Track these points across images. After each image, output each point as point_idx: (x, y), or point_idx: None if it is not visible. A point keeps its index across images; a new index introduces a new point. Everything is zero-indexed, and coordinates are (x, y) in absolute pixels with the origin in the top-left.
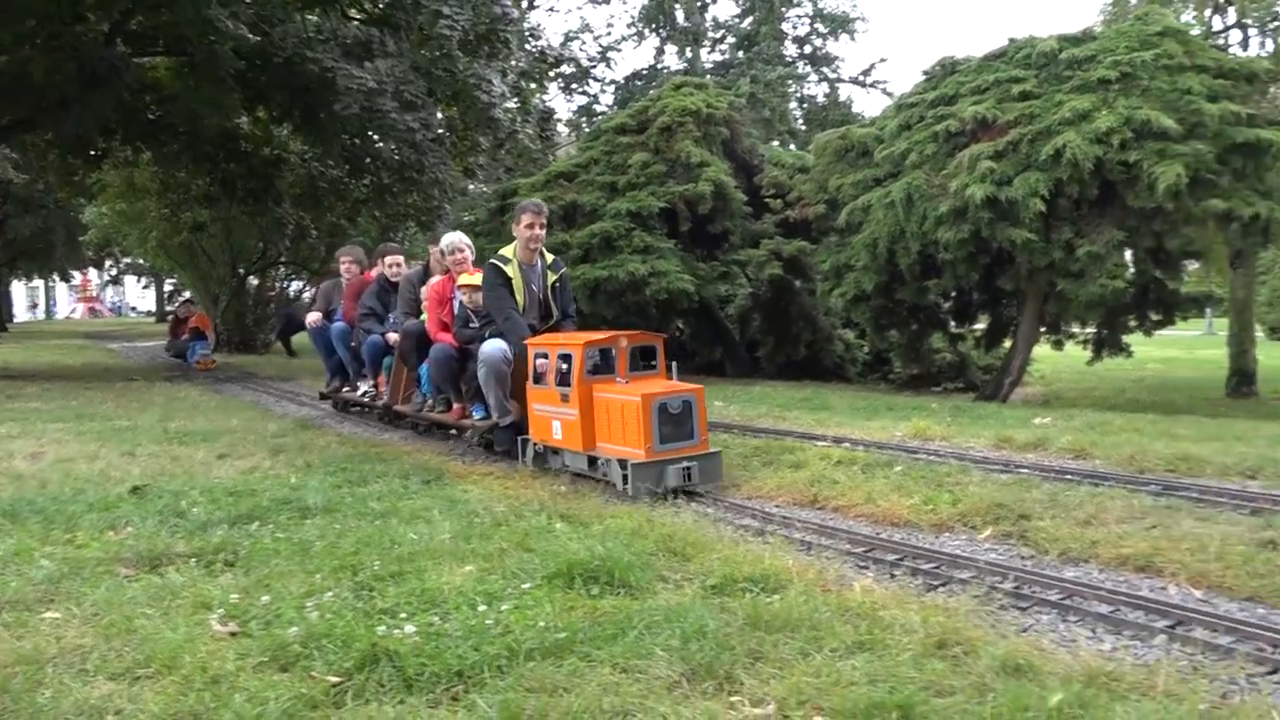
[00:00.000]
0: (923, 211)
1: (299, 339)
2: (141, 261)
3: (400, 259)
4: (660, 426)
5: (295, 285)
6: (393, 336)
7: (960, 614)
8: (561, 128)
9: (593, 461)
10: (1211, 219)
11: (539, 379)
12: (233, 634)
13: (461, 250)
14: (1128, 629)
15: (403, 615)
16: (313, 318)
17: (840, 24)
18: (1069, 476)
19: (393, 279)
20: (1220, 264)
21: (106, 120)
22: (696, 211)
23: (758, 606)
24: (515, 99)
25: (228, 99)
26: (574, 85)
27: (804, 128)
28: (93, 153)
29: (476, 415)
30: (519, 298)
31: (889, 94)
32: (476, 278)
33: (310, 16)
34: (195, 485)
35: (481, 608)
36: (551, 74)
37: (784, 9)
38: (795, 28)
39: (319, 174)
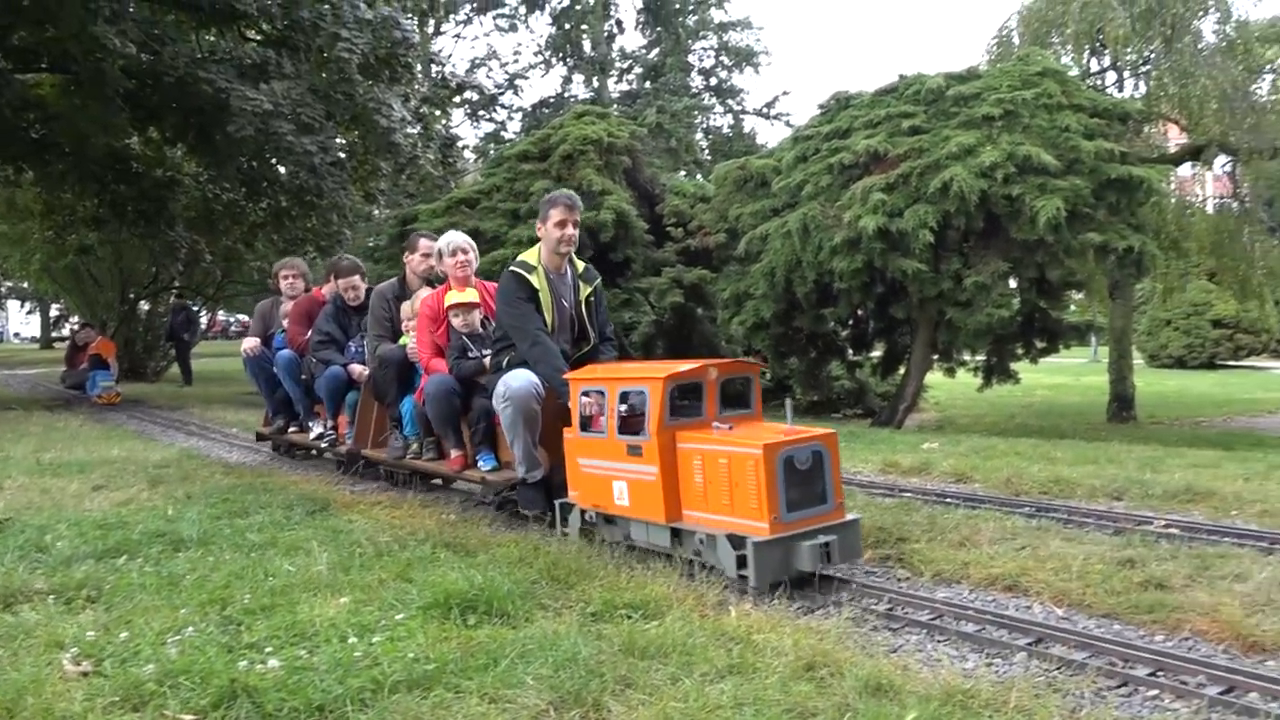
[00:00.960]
0: (818, 241)
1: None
2: (25, 285)
3: (357, 280)
4: (787, 488)
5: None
6: (357, 369)
7: (831, 636)
8: (469, 154)
9: (678, 535)
10: (1090, 251)
11: (587, 424)
12: (85, 674)
13: (465, 253)
14: (991, 647)
15: (268, 650)
16: (250, 344)
17: (745, 57)
18: (949, 500)
19: (350, 303)
20: (1101, 294)
21: None
22: (598, 239)
23: (634, 633)
24: (418, 125)
25: (116, 119)
26: (481, 112)
27: (710, 158)
28: None
29: (484, 466)
30: (548, 316)
31: (791, 125)
32: (469, 294)
33: (207, 36)
34: (63, 518)
35: (352, 640)
36: (456, 100)
37: (690, 42)
38: (701, 60)
39: (214, 197)
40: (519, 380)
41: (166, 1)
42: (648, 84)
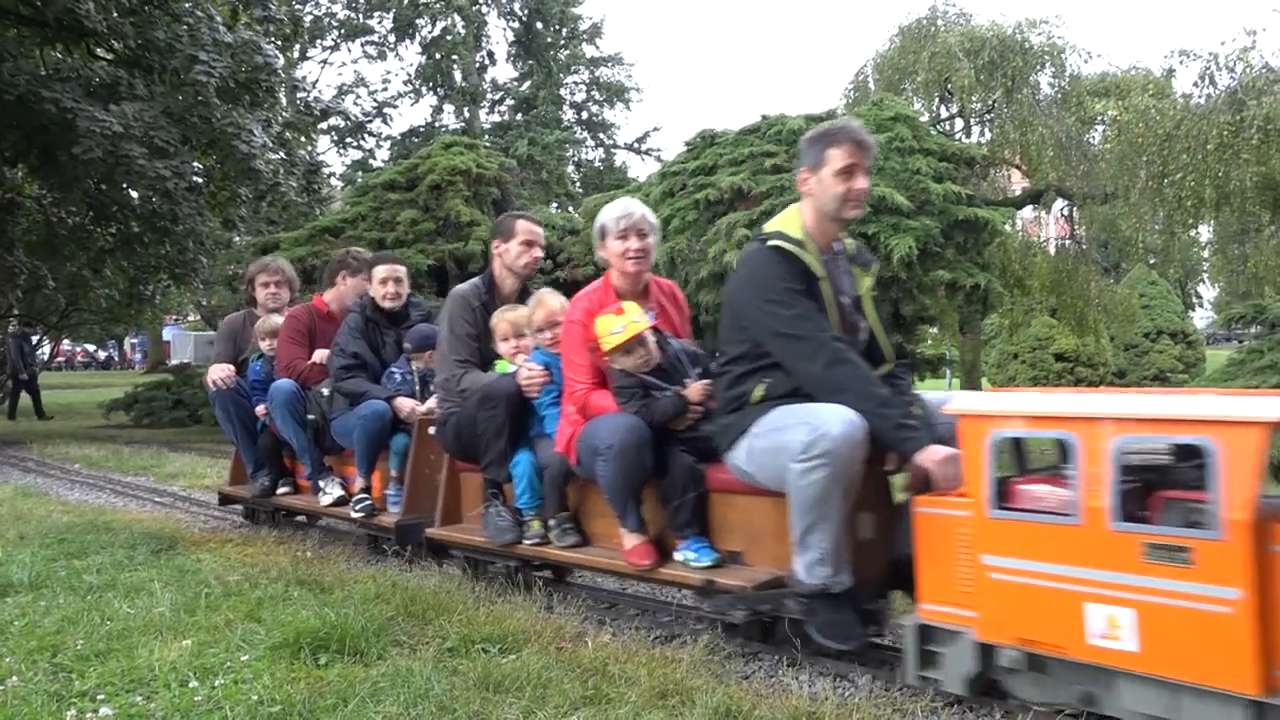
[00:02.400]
0: (685, 275)
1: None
2: None
3: (402, 271)
4: None
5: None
6: (408, 406)
7: (684, 665)
8: (335, 182)
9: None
10: (940, 287)
11: (1008, 495)
12: None
13: (644, 235)
14: (837, 671)
15: (101, 697)
16: (220, 372)
17: (616, 93)
18: None
19: (387, 304)
20: (953, 329)
21: None
22: (466, 270)
23: (489, 667)
24: (280, 150)
25: None
26: (348, 140)
27: (581, 190)
28: None
29: (698, 559)
30: (831, 315)
31: (661, 160)
32: (633, 317)
33: (53, 53)
34: None
35: (193, 684)
36: (321, 126)
37: (562, 75)
38: (573, 94)
39: (58, 220)
40: (838, 420)
41: (9, 15)
42: (519, 116)
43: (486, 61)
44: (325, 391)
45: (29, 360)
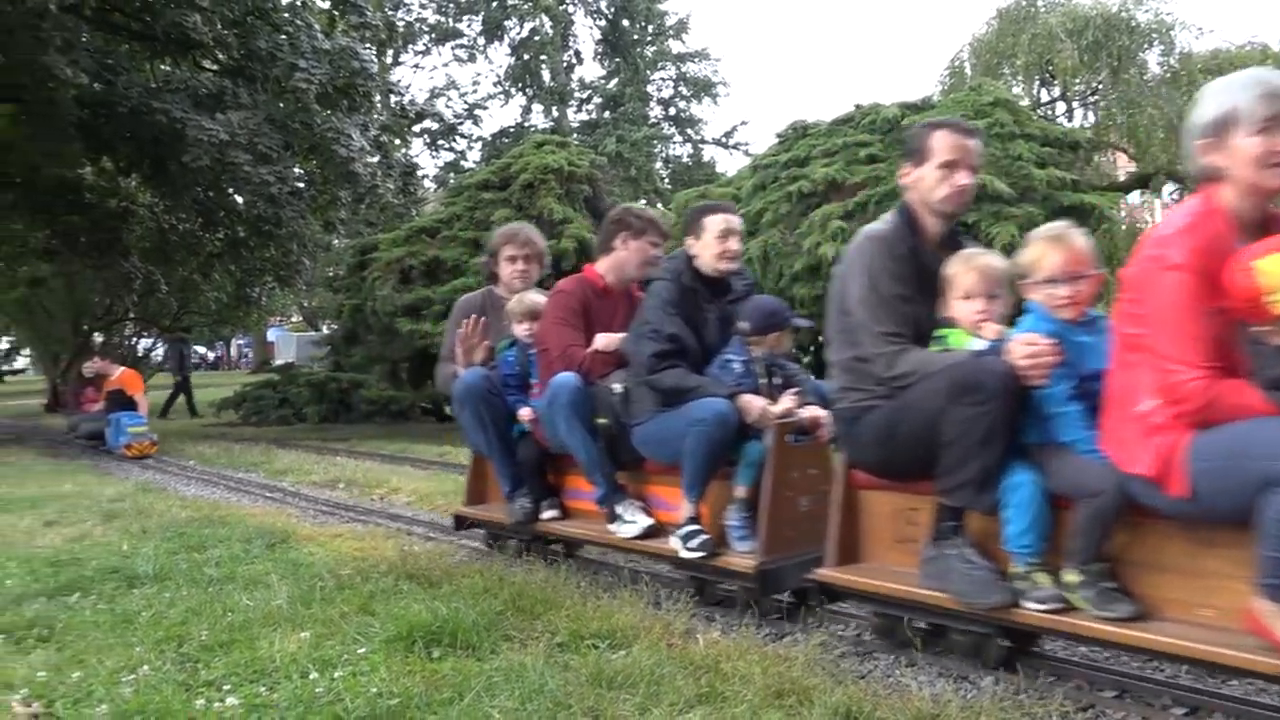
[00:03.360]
0: (779, 268)
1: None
2: None
3: (739, 223)
4: None
5: (144, 343)
6: (758, 406)
7: (799, 663)
8: (428, 183)
9: None
10: None
11: None
12: (35, 715)
13: None
14: (958, 672)
15: (227, 687)
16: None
17: (703, 88)
18: None
19: (723, 266)
20: None
21: None
22: (560, 268)
23: (601, 663)
24: (377, 153)
25: (69, 149)
26: (440, 141)
27: (669, 186)
28: None
29: None
30: None
31: (749, 155)
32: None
33: (162, 66)
34: (13, 556)
35: (313, 675)
36: (415, 129)
37: (649, 72)
38: (660, 90)
39: (170, 227)
40: None
41: (121, 31)
42: (607, 114)
43: (574, 60)
44: (617, 388)
45: (186, 363)
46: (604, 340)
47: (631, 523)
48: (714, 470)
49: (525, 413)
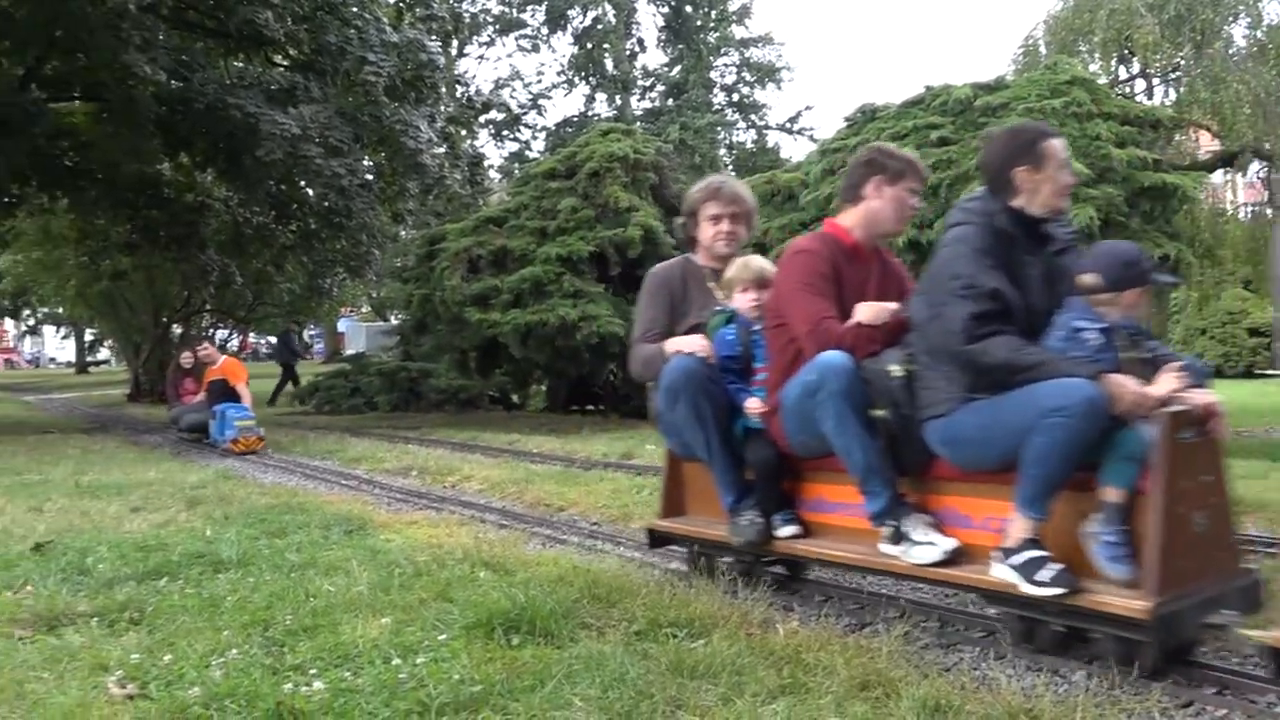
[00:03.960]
0: None
1: None
2: (60, 310)
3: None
4: None
5: (220, 334)
6: (1132, 389)
7: (882, 655)
8: (493, 174)
9: None
10: None
11: None
12: (130, 696)
13: None
14: (1048, 665)
15: (313, 671)
16: (694, 344)
17: (767, 73)
18: None
19: (1059, 202)
20: None
21: (21, 167)
22: (626, 255)
23: (681, 652)
24: (444, 144)
25: (148, 145)
26: (505, 132)
27: (734, 173)
28: (6, 200)
29: None
30: None
31: (815, 140)
32: None
33: (235, 62)
34: (103, 540)
35: (396, 661)
36: (481, 119)
37: (712, 58)
38: (723, 76)
39: (244, 220)
40: None
41: (196, 29)
42: (670, 101)
43: (637, 48)
44: (896, 370)
45: (293, 351)
46: (870, 311)
47: (926, 544)
48: (1070, 475)
49: (754, 404)
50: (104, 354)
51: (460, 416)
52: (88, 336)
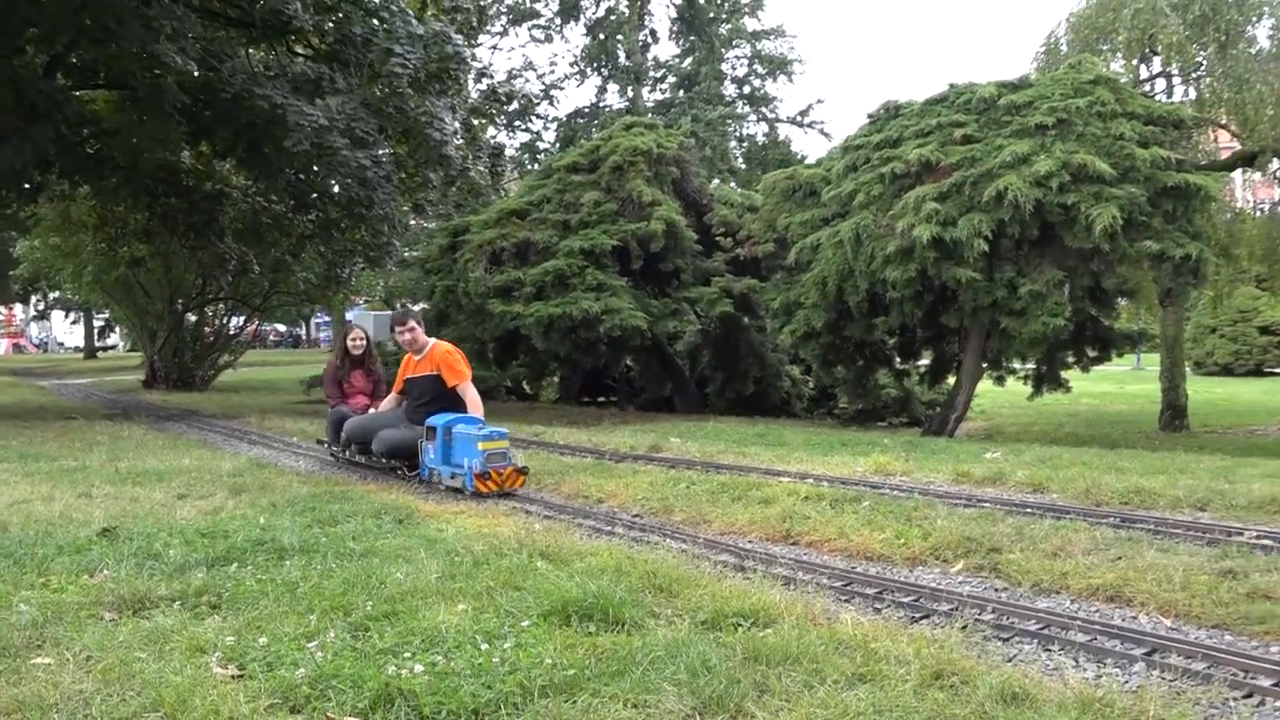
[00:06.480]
0: (871, 250)
1: None
2: (72, 296)
3: None
4: None
5: (236, 321)
6: None
7: (950, 645)
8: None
9: None
10: (1145, 259)
11: None
12: (235, 676)
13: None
14: (1108, 657)
15: (406, 655)
16: None
17: (779, 65)
18: (1030, 510)
19: None
20: (1150, 302)
21: (44, 153)
22: (648, 249)
23: (754, 640)
24: (465, 135)
25: (173, 134)
26: (516, 122)
27: (744, 166)
28: (28, 186)
29: None
30: None
31: (826, 134)
32: None
33: (256, 52)
34: (163, 527)
35: (484, 646)
36: (504, 110)
37: (724, 50)
38: (734, 68)
39: (262, 209)
40: None
41: (219, 18)
42: (681, 93)
43: (649, 40)
44: None
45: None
46: None
47: None
48: None
49: None
50: (113, 339)
51: None
52: (96, 322)
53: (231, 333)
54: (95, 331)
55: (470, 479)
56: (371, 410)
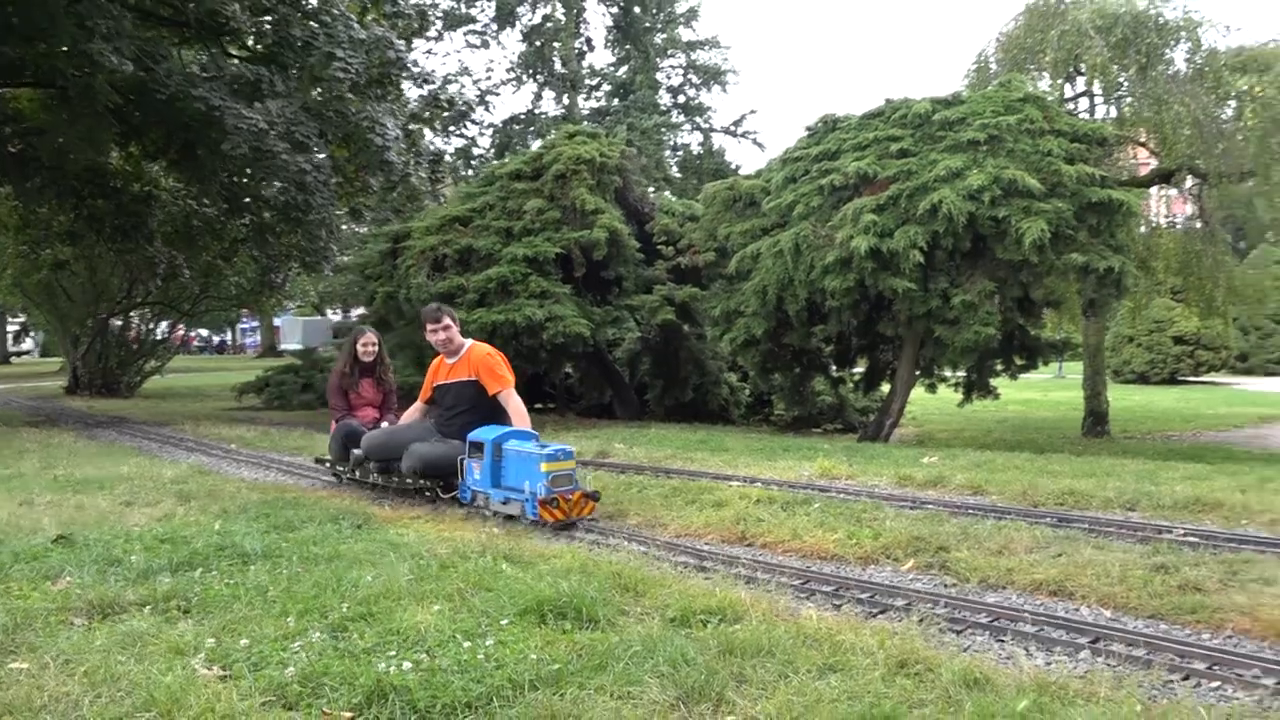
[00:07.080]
0: (810, 260)
1: None
2: None
3: None
4: None
5: (163, 326)
6: None
7: (911, 636)
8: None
9: None
10: (1071, 271)
11: None
12: (221, 677)
13: None
14: (1057, 646)
15: (390, 654)
16: None
17: (713, 75)
18: (972, 511)
19: None
20: (1073, 312)
21: None
22: (591, 257)
23: (725, 635)
24: (406, 141)
25: (104, 134)
26: (452, 127)
27: (679, 175)
28: None
29: None
30: None
31: (759, 144)
32: None
33: (189, 53)
34: (118, 534)
35: (466, 644)
36: (444, 116)
37: (659, 60)
38: (669, 78)
39: (194, 212)
40: None
41: (151, 17)
42: (617, 101)
43: (585, 47)
44: None
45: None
46: None
47: None
48: None
49: None
50: (28, 344)
51: None
52: (11, 326)
53: (158, 338)
54: (10, 336)
55: (533, 506)
56: (384, 424)
